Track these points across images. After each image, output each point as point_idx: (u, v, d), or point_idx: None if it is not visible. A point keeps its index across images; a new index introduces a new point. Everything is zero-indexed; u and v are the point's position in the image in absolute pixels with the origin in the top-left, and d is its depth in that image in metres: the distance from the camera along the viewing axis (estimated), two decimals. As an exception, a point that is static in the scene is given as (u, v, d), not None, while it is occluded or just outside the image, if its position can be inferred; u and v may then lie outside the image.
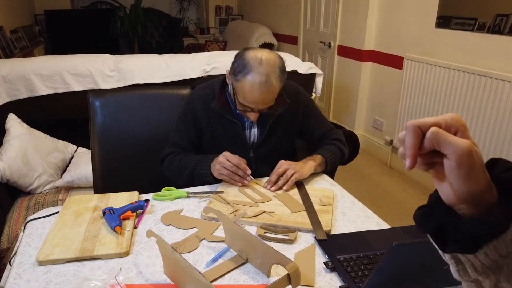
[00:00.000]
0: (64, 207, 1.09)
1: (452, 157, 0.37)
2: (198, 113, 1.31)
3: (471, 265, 0.43)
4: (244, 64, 1.15)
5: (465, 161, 0.37)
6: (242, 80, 1.15)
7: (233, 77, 1.19)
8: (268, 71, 1.14)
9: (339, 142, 1.40)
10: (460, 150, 0.37)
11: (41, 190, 1.86)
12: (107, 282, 0.78)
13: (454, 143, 0.37)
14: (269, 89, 1.15)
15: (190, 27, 6.94)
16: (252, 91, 1.14)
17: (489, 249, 0.40)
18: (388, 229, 1.03)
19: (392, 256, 0.66)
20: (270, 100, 1.19)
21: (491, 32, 2.22)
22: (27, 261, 0.89)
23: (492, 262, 0.42)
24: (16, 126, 1.94)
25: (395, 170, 3.12)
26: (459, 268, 0.44)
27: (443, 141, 0.37)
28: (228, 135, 1.31)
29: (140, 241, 0.97)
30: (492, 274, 0.43)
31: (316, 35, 4.05)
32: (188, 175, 1.28)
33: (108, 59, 2.24)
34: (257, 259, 0.86)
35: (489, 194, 0.39)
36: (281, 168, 1.24)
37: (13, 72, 2.06)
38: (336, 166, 1.41)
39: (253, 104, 1.19)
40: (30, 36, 4.92)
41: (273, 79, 1.15)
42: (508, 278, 0.42)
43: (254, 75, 1.13)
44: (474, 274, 0.43)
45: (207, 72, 2.27)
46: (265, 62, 1.14)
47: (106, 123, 1.49)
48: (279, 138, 1.35)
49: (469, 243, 0.40)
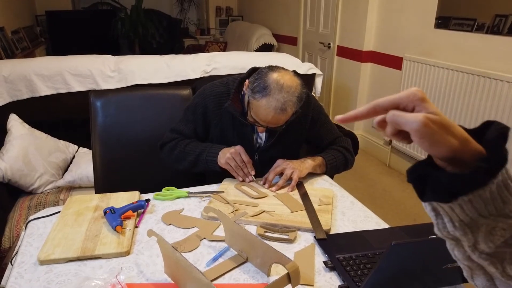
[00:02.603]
0: (65, 207, 1.09)
1: (411, 133, 0.41)
2: (210, 110, 1.32)
3: (449, 219, 0.45)
4: (264, 86, 1.15)
5: (423, 133, 0.40)
6: (259, 100, 1.16)
7: (251, 93, 1.19)
8: (286, 99, 1.14)
9: (344, 149, 1.39)
10: (415, 125, 0.40)
11: (43, 190, 1.87)
12: (108, 281, 0.78)
13: (407, 120, 0.41)
14: (282, 115, 1.17)
15: (190, 28, 6.95)
16: (266, 114, 1.16)
17: (464, 202, 0.42)
18: (387, 228, 1.04)
19: (392, 255, 0.66)
20: (282, 122, 1.21)
21: (490, 33, 2.22)
22: (29, 260, 0.89)
23: (470, 219, 0.43)
24: (18, 127, 1.95)
25: (395, 170, 3.13)
26: (439, 222, 0.46)
27: (399, 122, 0.41)
28: (237, 135, 1.32)
29: (141, 241, 0.97)
30: (470, 233, 0.44)
31: (315, 35, 4.05)
32: (192, 160, 1.29)
33: (109, 60, 2.24)
34: (257, 259, 0.86)
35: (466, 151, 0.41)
36: (279, 167, 1.24)
37: (15, 72, 2.07)
38: (338, 171, 1.40)
39: (264, 123, 1.21)
40: (31, 36, 4.93)
41: (289, 108, 1.16)
42: (486, 240, 0.44)
43: (271, 100, 1.14)
44: (452, 229, 0.45)
45: (208, 72, 2.27)
46: (286, 89, 1.14)
47: (107, 123, 1.49)
48: (285, 145, 1.35)
49: (445, 193, 0.42)
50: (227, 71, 2.22)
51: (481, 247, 0.45)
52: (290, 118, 1.23)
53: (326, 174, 1.36)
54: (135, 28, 5.44)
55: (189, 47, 6.13)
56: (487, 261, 0.45)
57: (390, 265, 0.68)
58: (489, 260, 0.45)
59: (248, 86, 1.21)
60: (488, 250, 0.45)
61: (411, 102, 0.43)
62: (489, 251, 0.45)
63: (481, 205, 0.42)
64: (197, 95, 1.37)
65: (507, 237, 0.44)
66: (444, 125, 0.41)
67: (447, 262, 0.70)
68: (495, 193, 0.42)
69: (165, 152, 1.36)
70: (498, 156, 0.41)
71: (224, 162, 1.23)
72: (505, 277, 0.45)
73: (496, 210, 0.43)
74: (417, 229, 1.07)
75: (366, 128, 3.54)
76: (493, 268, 0.46)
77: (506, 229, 0.43)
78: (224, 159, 1.23)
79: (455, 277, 0.77)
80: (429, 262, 0.70)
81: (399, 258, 0.68)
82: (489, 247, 0.44)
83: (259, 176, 1.27)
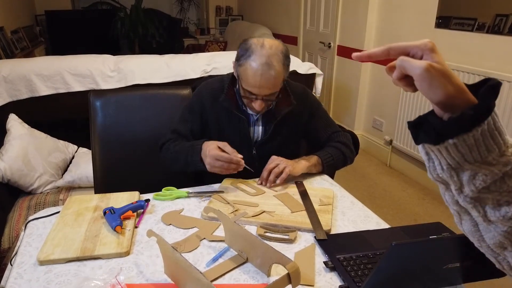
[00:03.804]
0: (65, 207, 1.09)
1: (414, 77, 0.47)
2: (206, 108, 1.32)
3: (438, 162, 0.50)
4: (246, 48, 1.17)
5: (423, 76, 0.46)
6: (244, 64, 1.16)
7: (237, 63, 1.20)
8: (270, 54, 1.14)
9: (342, 145, 1.36)
10: (417, 69, 0.46)
11: (42, 190, 1.86)
12: (107, 281, 0.78)
13: (413, 65, 0.47)
14: (271, 72, 1.14)
15: (190, 28, 6.94)
16: (254, 74, 1.15)
17: (449, 145, 0.47)
18: (387, 228, 1.04)
19: (392, 255, 0.66)
20: (273, 85, 1.18)
21: (490, 32, 2.22)
22: (28, 261, 0.89)
23: (456, 163, 0.48)
24: (17, 126, 1.94)
25: (395, 170, 3.12)
26: (430, 165, 0.52)
27: (406, 66, 0.48)
28: (234, 131, 1.32)
29: (140, 241, 0.97)
30: (455, 175, 0.50)
31: (316, 35, 4.05)
32: (183, 163, 1.25)
33: (108, 60, 2.24)
34: (257, 259, 0.86)
35: (460, 99, 0.47)
36: (272, 164, 1.23)
37: (14, 72, 2.07)
38: (338, 168, 1.39)
39: (256, 89, 1.17)
40: (31, 36, 4.93)
41: (275, 62, 1.15)
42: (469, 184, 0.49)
43: (256, 58, 1.14)
44: (441, 171, 0.50)
45: (208, 72, 2.27)
46: (267, 46, 1.16)
47: (106, 123, 1.49)
48: (283, 138, 1.34)
49: (433, 135, 0.48)
50: (227, 71, 2.22)
51: (465, 191, 0.50)
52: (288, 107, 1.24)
53: (325, 173, 1.35)
54: (135, 28, 5.43)
55: (189, 47, 6.13)
56: (471, 204, 0.50)
57: (391, 265, 0.68)
58: (472, 204, 0.50)
59: (233, 64, 1.22)
60: (471, 194, 0.49)
61: (421, 51, 0.48)
62: (472, 195, 0.49)
63: (466, 150, 0.47)
64: (193, 94, 1.38)
65: (489, 183, 0.48)
66: (444, 73, 0.46)
67: (447, 262, 0.70)
68: (479, 140, 0.46)
69: (162, 154, 1.34)
70: (484, 106, 0.45)
71: (209, 168, 1.17)
72: (486, 221, 0.50)
73: (480, 157, 0.47)
74: (417, 229, 1.07)
75: (367, 128, 3.54)
76: (476, 212, 0.51)
77: (488, 175, 0.47)
78: (208, 166, 1.17)
79: (455, 277, 0.77)
80: (429, 262, 0.70)
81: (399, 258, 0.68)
82: (472, 190, 0.49)
83: (258, 172, 1.26)
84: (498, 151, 0.47)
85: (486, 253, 0.54)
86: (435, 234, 0.97)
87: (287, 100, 1.30)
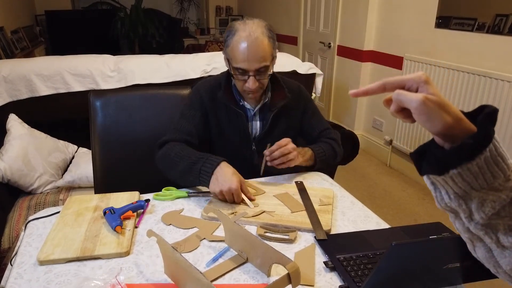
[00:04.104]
0: (65, 207, 1.09)
1: (412, 110, 0.48)
2: (205, 102, 1.33)
3: (445, 192, 0.51)
4: (230, 30, 1.22)
5: (421, 110, 0.47)
6: (230, 43, 1.20)
7: (225, 49, 1.24)
8: (253, 28, 1.19)
9: (334, 142, 1.40)
10: (414, 102, 0.47)
11: (42, 190, 1.86)
12: (107, 281, 0.78)
13: (409, 99, 0.48)
14: (257, 42, 1.18)
15: (190, 28, 6.95)
16: (241, 47, 1.18)
17: (454, 175, 0.48)
18: (387, 228, 1.04)
19: (392, 255, 0.66)
20: (261, 57, 1.19)
21: (490, 32, 2.22)
22: (28, 261, 0.89)
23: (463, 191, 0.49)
24: (17, 126, 1.95)
25: (395, 170, 3.12)
26: (437, 194, 0.52)
27: (402, 100, 0.49)
28: (233, 126, 1.33)
29: (140, 241, 0.97)
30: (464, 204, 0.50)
31: (316, 35, 4.05)
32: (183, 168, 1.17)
33: (108, 60, 2.24)
34: (257, 259, 0.86)
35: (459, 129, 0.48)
36: (283, 141, 1.21)
37: (14, 72, 2.07)
38: (328, 164, 1.40)
39: (246, 63, 1.19)
40: (31, 36, 4.93)
41: (259, 34, 1.19)
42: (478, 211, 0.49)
43: (240, 33, 1.19)
44: (448, 201, 0.51)
45: (208, 72, 2.27)
46: (250, 22, 1.21)
47: (106, 123, 1.49)
48: (281, 133, 1.36)
49: (437, 165, 0.49)
50: (227, 71, 2.22)
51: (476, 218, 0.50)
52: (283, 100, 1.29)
53: (314, 166, 1.34)
54: (134, 28, 5.43)
55: (189, 47, 6.13)
56: (482, 231, 0.50)
57: (391, 265, 0.68)
58: (484, 231, 0.50)
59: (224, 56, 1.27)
60: (482, 221, 0.49)
61: (416, 83, 0.50)
62: (482, 222, 0.50)
63: (471, 178, 0.47)
64: (191, 92, 1.39)
65: (498, 209, 0.48)
66: (440, 104, 0.47)
67: (447, 262, 0.70)
68: (483, 167, 0.47)
69: (161, 154, 1.26)
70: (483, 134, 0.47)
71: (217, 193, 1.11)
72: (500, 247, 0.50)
73: (486, 184, 0.48)
74: (418, 229, 1.06)
75: (367, 128, 3.54)
76: (489, 238, 0.51)
77: (496, 201, 0.48)
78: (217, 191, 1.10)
79: (455, 277, 0.77)
80: (429, 262, 0.70)
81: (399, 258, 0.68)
82: (482, 218, 0.49)
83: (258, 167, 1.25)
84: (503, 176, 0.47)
85: (504, 279, 0.54)
86: (435, 234, 0.97)
87: (282, 93, 1.34)
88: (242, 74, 1.22)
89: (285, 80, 1.40)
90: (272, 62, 1.25)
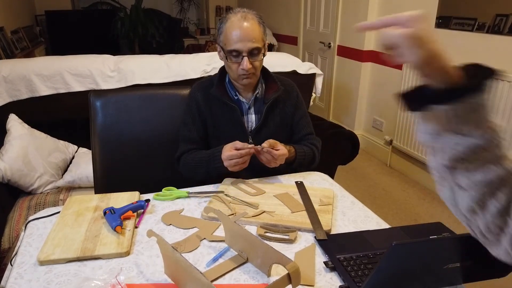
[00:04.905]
0: (65, 207, 1.09)
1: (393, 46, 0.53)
2: (200, 102, 1.38)
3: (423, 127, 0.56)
4: (222, 20, 1.30)
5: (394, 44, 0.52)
6: (224, 29, 1.27)
7: (219, 38, 1.30)
8: (244, 13, 1.28)
9: (315, 148, 1.44)
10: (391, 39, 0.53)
11: (42, 190, 1.86)
12: (108, 281, 0.78)
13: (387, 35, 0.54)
14: (248, 24, 1.25)
15: (190, 28, 6.95)
16: (234, 29, 1.24)
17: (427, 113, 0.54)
18: (388, 228, 1.04)
19: (392, 255, 0.66)
20: (253, 37, 1.25)
21: (490, 32, 2.22)
22: (28, 261, 0.89)
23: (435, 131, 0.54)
24: (17, 127, 1.94)
25: (395, 170, 3.12)
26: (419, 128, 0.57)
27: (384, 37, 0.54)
28: (228, 121, 1.36)
29: (140, 241, 0.97)
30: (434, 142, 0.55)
31: (316, 35, 4.05)
32: (204, 171, 1.31)
33: (108, 60, 2.24)
34: (257, 259, 0.86)
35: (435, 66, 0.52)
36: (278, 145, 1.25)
37: (14, 72, 2.07)
38: (302, 168, 1.42)
39: (239, 44, 1.24)
40: (31, 36, 4.93)
41: (250, 15, 1.27)
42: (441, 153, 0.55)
43: (232, 18, 1.27)
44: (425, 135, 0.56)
45: (208, 72, 2.27)
46: (241, 10, 1.29)
47: (106, 123, 1.49)
48: (276, 125, 1.40)
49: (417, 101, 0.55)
50: (227, 71, 2.22)
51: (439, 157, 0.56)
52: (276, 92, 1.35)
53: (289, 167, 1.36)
54: (134, 28, 5.43)
55: (189, 47, 6.13)
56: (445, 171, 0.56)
57: (391, 265, 0.68)
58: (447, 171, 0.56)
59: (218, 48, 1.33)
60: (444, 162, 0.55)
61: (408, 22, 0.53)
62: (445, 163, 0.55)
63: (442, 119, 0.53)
64: (187, 97, 1.44)
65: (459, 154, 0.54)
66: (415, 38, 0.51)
67: (447, 262, 0.70)
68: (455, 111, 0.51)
69: (181, 167, 1.39)
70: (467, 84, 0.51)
71: (231, 169, 1.23)
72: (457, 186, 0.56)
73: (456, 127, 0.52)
74: (418, 229, 1.07)
75: (367, 128, 3.54)
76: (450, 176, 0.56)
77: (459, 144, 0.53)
78: (230, 168, 1.23)
79: (455, 277, 0.77)
80: (429, 262, 0.70)
81: (399, 258, 0.68)
82: (444, 158, 0.55)
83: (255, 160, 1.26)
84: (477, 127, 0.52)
85: (462, 221, 0.59)
86: (435, 234, 0.97)
87: (274, 86, 1.39)
88: (236, 56, 1.27)
89: (279, 77, 1.45)
90: (264, 47, 1.31)
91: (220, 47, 1.31)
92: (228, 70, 1.34)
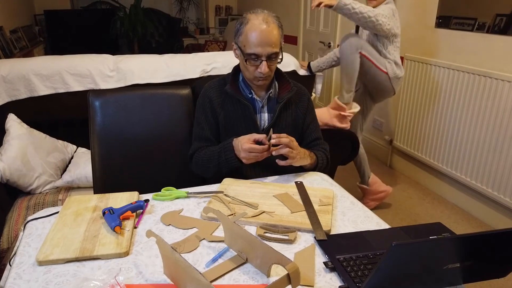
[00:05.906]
0: (64, 207, 1.09)
1: None
2: (213, 99, 1.40)
3: None
4: (242, 20, 1.30)
5: None
6: (244, 31, 1.28)
7: (237, 39, 1.32)
8: (264, 15, 1.28)
9: (328, 153, 1.46)
10: None
11: (41, 190, 1.86)
12: (107, 282, 0.78)
13: None
14: (269, 29, 1.26)
15: (190, 27, 6.94)
16: (255, 32, 1.25)
17: None
18: (387, 229, 1.03)
19: (392, 256, 0.66)
20: (273, 43, 1.27)
21: (490, 32, 2.22)
22: (27, 261, 0.89)
23: None
24: (16, 126, 1.94)
25: (395, 170, 3.12)
26: None
27: None
28: (241, 119, 1.37)
29: (140, 241, 0.97)
30: None
31: (316, 35, 4.05)
32: (215, 165, 1.32)
33: (107, 59, 2.23)
34: (257, 259, 0.86)
35: None
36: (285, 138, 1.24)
37: (13, 72, 2.06)
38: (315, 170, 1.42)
39: (259, 48, 1.26)
40: (30, 36, 4.92)
41: (270, 19, 1.28)
42: None
43: (253, 21, 1.27)
44: None
45: (207, 72, 2.27)
46: (260, 11, 1.30)
47: (106, 123, 1.49)
48: (287, 125, 1.41)
49: None
50: (227, 70, 2.21)
51: None
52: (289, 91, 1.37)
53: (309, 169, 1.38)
54: (134, 28, 5.42)
55: (188, 47, 6.13)
56: None
57: (391, 265, 0.68)
58: None
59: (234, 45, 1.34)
60: None
61: None
62: None
63: None
64: (200, 96, 1.45)
65: None
66: None
67: (447, 263, 0.70)
68: None
69: (194, 165, 1.41)
70: None
71: (246, 161, 1.24)
72: None
73: None
74: (418, 229, 1.06)
75: (367, 128, 3.54)
76: None
77: None
78: (244, 160, 1.24)
79: (455, 277, 0.77)
80: (429, 262, 0.70)
81: (399, 259, 0.68)
82: None
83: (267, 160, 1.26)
84: None
85: None
86: (435, 234, 0.97)
87: (287, 86, 1.41)
88: (255, 59, 1.28)
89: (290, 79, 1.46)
90: (281, 51, 1.32)
91: (238, 47, 1.32)
92: (243, 70, 1.36)
